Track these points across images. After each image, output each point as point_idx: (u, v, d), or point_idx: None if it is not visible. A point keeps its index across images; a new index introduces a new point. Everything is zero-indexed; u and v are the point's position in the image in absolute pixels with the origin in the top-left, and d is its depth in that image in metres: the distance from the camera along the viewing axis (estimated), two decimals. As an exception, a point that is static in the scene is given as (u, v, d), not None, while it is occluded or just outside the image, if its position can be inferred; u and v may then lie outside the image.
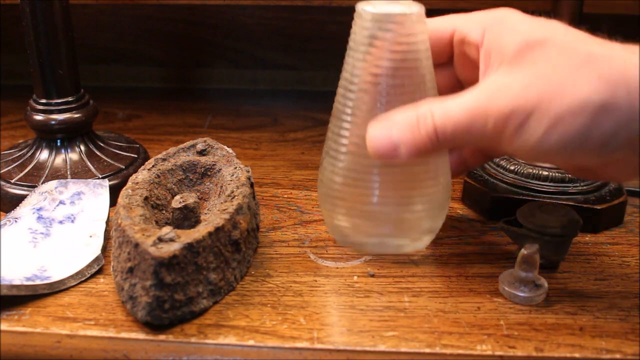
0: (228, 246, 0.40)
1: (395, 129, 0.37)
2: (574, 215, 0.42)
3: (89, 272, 0.42)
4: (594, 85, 0.33)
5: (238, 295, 0.41)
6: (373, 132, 0.38)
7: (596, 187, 0.49)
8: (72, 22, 0.50)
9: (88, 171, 0.51)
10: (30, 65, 0.51)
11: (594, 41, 0.35)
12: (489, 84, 0.36)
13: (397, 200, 0.42)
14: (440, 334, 0.37)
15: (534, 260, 0.39)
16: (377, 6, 0.39)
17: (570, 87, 0.34)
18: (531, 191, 0.48)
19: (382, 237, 0.44)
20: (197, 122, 0.69)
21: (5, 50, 0.78)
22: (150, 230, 0.38)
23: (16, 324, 0.38)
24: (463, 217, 0.50)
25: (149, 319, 0.37)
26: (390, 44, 0.39)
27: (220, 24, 0.76)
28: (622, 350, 0.36)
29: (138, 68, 0.79)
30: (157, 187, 0.44)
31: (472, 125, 0.36)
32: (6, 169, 0.52)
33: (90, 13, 0.76)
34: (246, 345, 0.37)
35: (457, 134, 0.36)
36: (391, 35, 0.39)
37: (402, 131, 0.37)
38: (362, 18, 0.39)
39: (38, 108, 0.51)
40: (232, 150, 0.48)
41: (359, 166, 0.41)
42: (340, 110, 0.41)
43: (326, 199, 0.44)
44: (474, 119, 0.36)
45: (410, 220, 0.43)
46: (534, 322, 0.38)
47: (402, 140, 0.37)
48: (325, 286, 0.42)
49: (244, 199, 0.42)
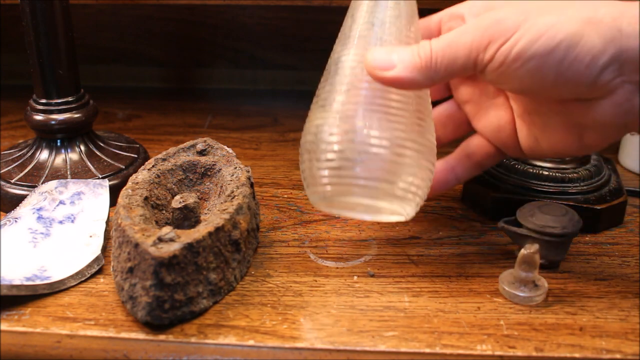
0: (228, 246, 0.40)
1: (396, 52, 0.39)
2: (574, 215, 0.42)
3: (89, 272, 0.42)
4: (579, 6, 0.36)
5: (238, 295, 0.41)
6: (372, 52, 0.39)
7: (596, 187, 0.49)
8: (72, 22, 0.50)
9: (88, 171, 0.51)
10: (30, 65, 0.51)
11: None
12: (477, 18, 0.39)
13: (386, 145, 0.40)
14: (440, 334, 0.37)
15: (534, 260, 0.39)
16: None
17: (556, 8, 0.36)
18: (531, 191, 0.48)
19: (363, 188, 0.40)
20: (197, 122, 0.69)
21: (5, 50, 0.78)
22: (150, 230, 0.38)
23: (16, 324, 0.38)
24: (463, 217, 0.50)
25: (149, 319, 0.37)
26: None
27: (220, 24, 0.76)
28: (622, 350, 0.36)
29: (138, 68, 0.79)
30: (157, 187, 0.44)
31: (461, 38, 0.37)
32: (6, 169, 0.52)
33: (90, 13, 0.76)
34: (246, 345, 0.37)
35: (446, 51, 0.37)
36: None
37: (401, 53, 0.39)
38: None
39: (38, 108, 0.51)
40: (232, 150, 0.48)
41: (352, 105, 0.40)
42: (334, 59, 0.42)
43: (312, 154, 0.41)
44: (464, 33, 0.37)
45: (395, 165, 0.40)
46: (534, 322, 0.38)
47: (400, 59, 0.38)
48: (325, 286, 0.42)
49: (244, 199, 0.42)
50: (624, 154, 0.58)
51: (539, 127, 0.41)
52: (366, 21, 0.41)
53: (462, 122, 0.47)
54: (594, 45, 0.35)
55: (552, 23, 0.36)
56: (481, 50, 0.37)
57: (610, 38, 0.35)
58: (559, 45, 0.35)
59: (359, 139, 0.40)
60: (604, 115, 0.37)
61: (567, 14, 0.36)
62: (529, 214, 0.42)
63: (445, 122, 0.47)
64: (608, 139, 0.40)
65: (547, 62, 0.36)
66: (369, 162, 0.40)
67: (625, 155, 0.58)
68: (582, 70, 0.36)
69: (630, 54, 0.35)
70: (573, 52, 0.35)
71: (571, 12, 0.36)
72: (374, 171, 0.40)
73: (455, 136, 0.47)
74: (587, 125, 0.39)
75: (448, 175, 0.45)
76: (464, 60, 0.38)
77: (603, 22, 0.35)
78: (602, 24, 0.35)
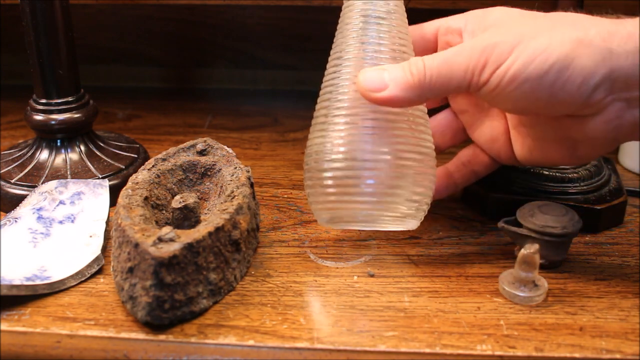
0: (228, 246, 0.40)
1: (387, 71, 0.39)
2: (574, 215, 0.42)
3: (89, 272, 0.42)
4: (569, 28, 0.37)
5: (238, 295, 0.41)
6: (365, 71, 0.40)
7: (596, 187, 0.49)
8: (72, 22, 0.50)
9: (88, 171, 0.51)
10: (30, 65, 0.51)
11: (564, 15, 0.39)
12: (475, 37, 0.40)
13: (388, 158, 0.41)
14: (440, 334, 0.37)
15: (534, 260, 0.39)
16: None
17: (549, 30, 0.37)
18: (531, 191, 0.48)
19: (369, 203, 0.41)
20: (197, 122, 0.69)
21: (5, 50, 0.78)
22: (150, 230, 0.38)
23: (16, 324, 0.38)
24: (463, 217, 0.50)
25: (149, 319, 0.37)
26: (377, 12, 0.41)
27: (220, 24, 0.76)
28: (622, 350, 0.36)
29: (138, 68, 0.79)
30: (157, 187, 0.44)
31: (456, 60, 0.38)
32: (6, 169, 0.52)
33: (90, 13, 0.76)
34: (246, 345, 0.37)
35: (442, 70, 0.38)
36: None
37: (393, 72, 0.39)
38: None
39: (38, 108, 0.51)
40: (232, 150, 0.48)
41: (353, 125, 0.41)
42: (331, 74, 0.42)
43: (312, 171, 0.42)
44: (459, 55, 0.38)
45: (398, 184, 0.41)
46: (534, 322, 0.38)
47: (392, 78, 0.39)
48: (325, 286, 0.42)
49: (244, 199, 0.42)
50: (624, 154, 0.58)
51: (533, 139, 0.43)
52: (357, 40, 0.42)
53: (459, 130, 0.48)
54: (586, 66, 0.36)
55: (544, 46, 0.36)
56: (476, 73, 0.38)
57: (601, 58, 0.36)
58: (552, 68, 0.36)
59: (359, 163, 0.41)
60: (595, 131, 0.39)
61: (558, 36, 0.36)
62: (529, 214, 0.42)
63: (443, 130, 0.48)
64: (600, 152, 0.41)
65: (540, 84, 0.37)
66: (371, 183, 0.41)
67: (625, 155, 0.58)
68: (574, 91, 0.36)
69: (620, 73, 0.36)
70: (565, 74, 0.36)
71: (563, 33, 0.37)
72: (376, 194, 0.41)
73: (454, 143, 0.49)
74: (579, 139, 0.40)
75: (447, 182, 0.47)
76: (458, 81, 0.38)
77: (594, 44, 0.36)
78: (592, 45, 0.36)
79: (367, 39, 0.42)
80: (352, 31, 0.42)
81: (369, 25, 0.42)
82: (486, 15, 0.42)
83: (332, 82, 0.43)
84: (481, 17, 0.42)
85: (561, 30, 0.37)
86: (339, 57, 0.42)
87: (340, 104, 0.42)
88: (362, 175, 0.41)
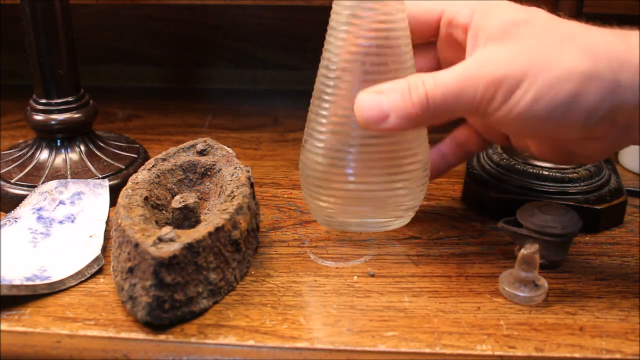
0: (228, 246, 0.40)
1: (386, 96, 0.38)
2: (574, 215, 0.42)
3: (89, 272, 0.42)
4: (579, 56, 0.35)
5: (238, 295, 0.41)
6: (362, 100, 0.38)
7: (596, 187, 0.49)
8: (72, 22, 0.50)
9: (88, 171, 0.51)
10: (30, 65, 0.50)
11: (575, 22, 0.38)
12: (479, 55, 0.38)
13: (378, 179, 0.42)
14: (440, 334, 0.37)
15: (534, 260, 0.39)
16: None
17: (557, 57, 0.36)
18: (531, 191, 0.48)
19: (363, 216, 0.44)
20: (197, 122, 0.69)
21: (5, 50, 0.78)
22: (150, 230, 0.38)
23: (16, 324, 0.38)
24: (463, 217, 0.50)
25: (149, 319, 0.37)
26: (370, 23, 0.39)
27: (220, 24, 0.76)
28: (622, 350, 0.36)
29: (138, 68, 0.79)
30: (157, 187, 0.44)
31: (462, 91, 0.36)
32: (6, 169, 0.52)
33: (90, 13, 0.76)
34: (246, 345, 0.37)
35: (447, 100, 0.37)
36: (371, 13, 0.39)
37: (392, 98, 0.37)
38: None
39: (38, 108, 0.51)
40: (232, 150, 0.48)
41: (340, 146, 0.42)
42: (321, 90, 0.42)
43: (308, 181, 0.44)
44: (465, 85, 0.37)
45: (391, 199, 0.43)
46: (534, 322, 0.38)
47: (392, 107, 0.37)
48: (325, 286, 0.42)
49: (244, 199, 0.42)
50: (624, 154, 0.58)
51: (530, 141, 0.43)
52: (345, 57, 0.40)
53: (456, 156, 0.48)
54: (592, 102, 0.35)
55: (552, 83, 0.35)
56: (483, 105, 0.37)
57: (608, 92, 0.35)
58: (559, 106, 0.36)
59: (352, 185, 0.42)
60: (594, 149, 0.39)
61: (567, 66, 0.35)
62: (529, 214, 0.42)
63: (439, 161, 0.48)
64: (596, 160, 0.43)
65: (545, 120, 0.36)
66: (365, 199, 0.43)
67: (625, 155, 0.58)
68: (578, 125, 0.36)
69: (625, 106, 0.36)
70: (571, 111, 0.36)
71: (572, 62, 0.35)
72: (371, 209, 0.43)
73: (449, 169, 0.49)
74: (576, 152, 0.41)
75: (440, 163, 0.47)
76: (463, 111, 0.38)
77: (602, 77, 0.35)
78: (601, 79, 0.35)
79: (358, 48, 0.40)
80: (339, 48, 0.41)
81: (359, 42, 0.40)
82: (493, 12, 0.39)
83: (322, 92, 0.42)
84: (488, 15, 0.39)
85: (570, 56, 0.35)
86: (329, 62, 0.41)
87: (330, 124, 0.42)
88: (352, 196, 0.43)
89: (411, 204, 0.45)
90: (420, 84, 0.37)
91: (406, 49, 0.41)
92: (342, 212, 0.44)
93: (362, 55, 0.40)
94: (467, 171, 0.52)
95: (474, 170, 0.51)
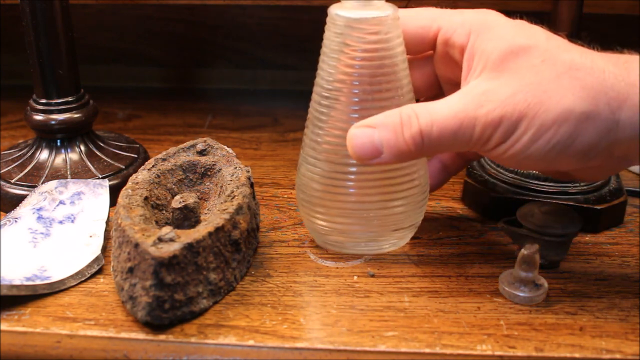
0: (228, 246, 0.40)
1: (378, 131, 0.37)
2: (574, 215, 0.42)
3: (89, 272, 0.42)
4: (577, 95, 0.35)
5: (238, 295, 0.41)
6: (355, 135, 0.37)
7: (596, 187, 0.49)
8: (72, 22, 0.50)
9: (88, 171, 0.51)
10: (30, 65, 0.51)
11: (575, 49, 0.37)
12: (475, 88, 0.37)
13: (374, 204, 0.42)
14: (440, 334, 0.37)
15: (534, 260, 0.39)
16: (349, 10, 0.39)
17: (555, 96, 0.35)
18: (531, 191, 0.48)
19: (361, 239, 0.44)
20: (197, 122, 0.69)
21: (5, 50, 0.78)
22: (150, 230, 0.38)
23: (16, 324, 0.38)
24: (463, 217, 0.50)
25: (149, 319, 0.37)
26: (364, 47, 0.39)
27: (220, 24, 0.76)
28: (622, 350, 0.36)
29: (138, 68, 0.79)
30: (157, 187, 0.44)
31: (458, 131, 0.36)
32: (6, 169, 0.52)
33: (90, 13, 0.76)
34: (246, 345, 0.37)
35: (443, 138, 0.36)
36: (364, 39, 0.38)
37: (385, 133, 0.37)
38: (335, 23, 0.39)
39: (38, 108, 0.51)
40: (232, 150, 0.48)
41: (336, 172, 0.42)
42: (315, 117, 0.42)
43: (305, 204, 0.44)
44: (461, 124, 0.36)
45: (388, 222, 0.43)
46: (534, 322, 0.38)
47: (384, 143, 0.37)
48: (325, 286, 0.42)
49: (244, 199, 0.42)
50: (624, 154, 0.58)
51: None
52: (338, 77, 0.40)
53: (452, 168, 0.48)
54: (589, 141, 0.35)
55: (549, 124, 0.35)
56: (479, 144, 0.37)
57: (606, 131, 0.35)
58: (555, 146, 0.35)
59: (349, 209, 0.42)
60: (589, 174, 0.40)
61: (566, 105, 0.34)
62: (529, 214, 0.42)
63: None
64: (596, 181, 0.44)
65: (542, 159, 0.36)
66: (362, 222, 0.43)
67: (625, 155, 0.58)
68: (574, 162, 0.36)
69: (623, 142, 0.35)
70: (568, 150, 0.35)
71: (571, 102, 0.34)
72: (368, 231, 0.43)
73: None
74: (574, 175, 0.41)
75: (441, 174, 0.47)
76: (458, 147, 0.37)
77: (601, 117, 0.34)
78: (599, 119, 0.35)
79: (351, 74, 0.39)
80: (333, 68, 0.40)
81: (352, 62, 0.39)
82: (490, 35, 0.38)
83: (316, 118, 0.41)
84: (485, 38, 0.38)
85: (569, 95, 0.35)
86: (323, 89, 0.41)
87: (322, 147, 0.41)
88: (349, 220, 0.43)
89: (408, 226, 0.44)
90: (413, 119, 0.36)
91: (404, 73, 0.40)
92: (338, 233, 0.44)
93: (357, 81, 0.39)
94: (467, 171, 0.52)
95: (474, 170, 0.51)
